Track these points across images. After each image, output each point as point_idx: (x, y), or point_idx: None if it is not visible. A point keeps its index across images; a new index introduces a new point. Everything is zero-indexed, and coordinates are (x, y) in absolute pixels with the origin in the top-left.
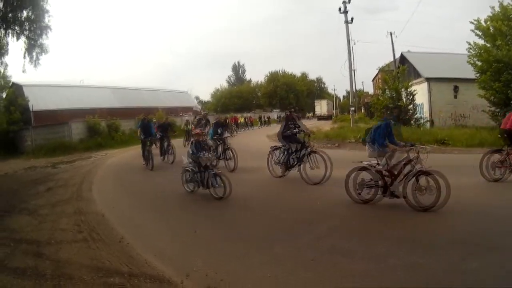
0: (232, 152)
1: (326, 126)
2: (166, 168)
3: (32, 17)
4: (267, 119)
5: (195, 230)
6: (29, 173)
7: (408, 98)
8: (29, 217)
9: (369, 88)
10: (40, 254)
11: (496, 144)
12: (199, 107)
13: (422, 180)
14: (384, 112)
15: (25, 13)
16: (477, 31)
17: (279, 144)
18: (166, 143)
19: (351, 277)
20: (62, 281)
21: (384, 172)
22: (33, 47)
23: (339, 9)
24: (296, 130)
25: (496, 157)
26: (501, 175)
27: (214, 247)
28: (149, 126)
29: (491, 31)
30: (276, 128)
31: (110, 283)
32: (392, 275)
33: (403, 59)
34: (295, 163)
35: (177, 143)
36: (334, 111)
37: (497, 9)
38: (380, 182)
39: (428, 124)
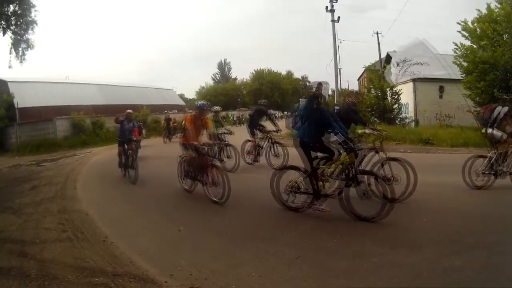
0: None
1: None
2: None
3: (19, 11)
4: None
5: (179, 229)
6: (14, 171)
7: (393, 98)
8: (13, 216)
9: (355, 87)
10: (24, 254)
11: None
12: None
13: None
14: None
15: (12, 8)
16: (464, 32)
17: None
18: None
19: (335, 276)
20: (47, 281)
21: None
22: (19, 42)
23: (326, 7)
24: None
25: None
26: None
27: (198, 246)
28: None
29: (478, 32)
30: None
31: (94, 283)
32: (376, 273)
33: (389, 58)
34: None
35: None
36: None
37: (484, 11)
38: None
39: (413, 124)
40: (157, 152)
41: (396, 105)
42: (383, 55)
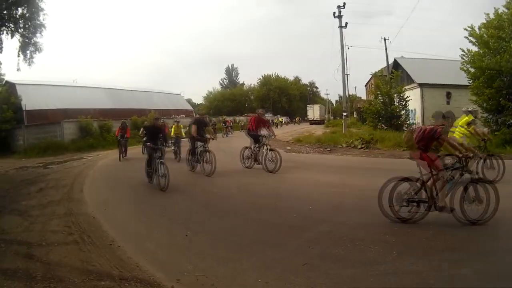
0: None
1: (319, 130)
2: None
3: (27, 15)
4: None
5: (186, 234)
6: (21, 173)
7: (401, 104)
8: (19, 218)
9: (362, 93)
10: (30, 256)
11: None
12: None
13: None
14: None
15: (20, 11)
16: (471, 38)
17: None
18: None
19: (342, 283)
20: (53, 284)
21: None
22: (27, 45)
23: (334, 14)
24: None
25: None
26: None
27: (205, 251)
28: None
29: (485, 38)
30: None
31: (100, 286)
32: (382, 281)
33: (396, 64)
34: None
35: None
36: (327, 116)
37: (491, 16)
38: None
39: None
40: None
41: (404, 111)
42: (391, 61)
